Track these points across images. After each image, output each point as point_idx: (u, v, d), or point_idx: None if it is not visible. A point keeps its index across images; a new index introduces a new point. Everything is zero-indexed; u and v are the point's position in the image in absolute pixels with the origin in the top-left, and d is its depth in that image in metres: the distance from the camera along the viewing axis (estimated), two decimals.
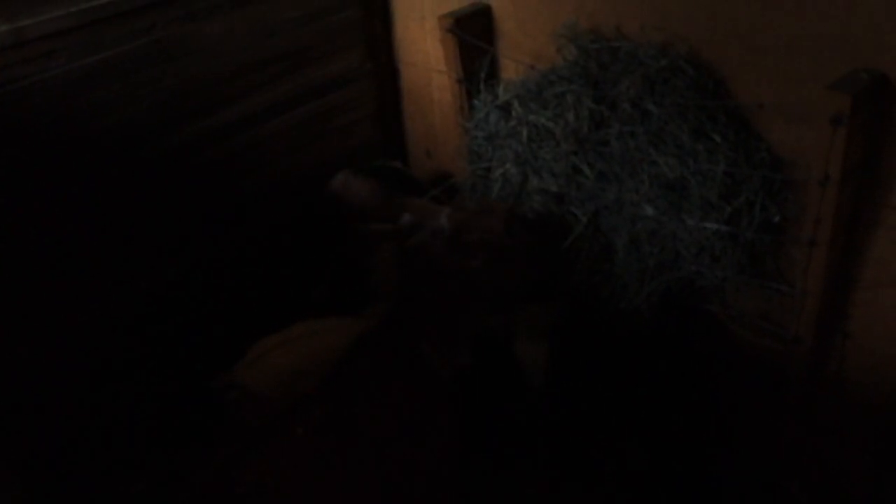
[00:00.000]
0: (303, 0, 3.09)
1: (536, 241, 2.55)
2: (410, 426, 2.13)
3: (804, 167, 2.13)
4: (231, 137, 3.06)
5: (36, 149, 2.57)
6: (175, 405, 2.86)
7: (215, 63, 2.91)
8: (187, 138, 2.93)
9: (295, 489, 1.92)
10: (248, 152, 3.14)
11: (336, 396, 2.12)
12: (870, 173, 2.05)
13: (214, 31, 2.88)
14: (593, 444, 2.74)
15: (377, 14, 3.36)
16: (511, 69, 2.83)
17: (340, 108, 3.40)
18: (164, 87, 2.81)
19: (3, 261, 2.59)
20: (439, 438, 2.20)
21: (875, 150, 2.02)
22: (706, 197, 2.21)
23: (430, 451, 2.15)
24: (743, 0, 2.14)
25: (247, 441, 2.03)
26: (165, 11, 2.73)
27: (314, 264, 3.25)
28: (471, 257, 2.48)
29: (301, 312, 2.72)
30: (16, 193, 2.56)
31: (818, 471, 2.58)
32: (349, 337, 2.64)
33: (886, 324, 2.22)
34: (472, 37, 2.79)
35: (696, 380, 2.70)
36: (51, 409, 2.84)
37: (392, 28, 3.37)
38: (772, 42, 2.13)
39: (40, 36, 2.47)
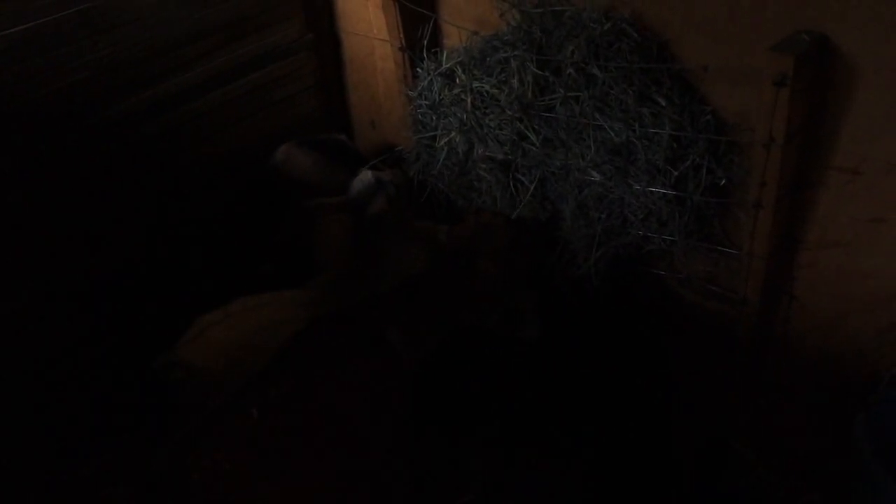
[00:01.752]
0: None
1: (533, 240, 2.55)
2: (367, 403, 2.10)
3: (748, 130, 2.14)
4: (168, 111, 2.97)
5: None
6: (118, 388, 2.80)
7: (148, 35, 2.81)
8: (122, 112, 2.84)
9: (251, 471, 1.87)
10: (187, 126, 3.05)
11: (290, 374, 2.07)
12: (812, 135, 2.06)
13: (145, 2, 2.78)
14: (544, 408, 2.75)
15: None
16: (454, 36, 2.78)
17: (281, 80, 3.32)
18: (93, 60, 2.70)
19: None
20: (395, 415, 2.17)
21: (817, 112, 2.02)
22: (652, 161, 2.20)
23: (386, 428, 2.13)
24: None
25: (199, 424, 1.97)
26: None
27: (259, 239, 3.19)
28: (479, 273, 2.45)
29: (246, 288, 2.67)
30: None
31: (763, 428, 2.62)
32: (289, 310, 2.60)
33: (829, 284, 2.25)
34: (414, 4, 2.73)
35: (646, 343, 2.72)
36: None
37: None
38: (714, 5, 2.11)
39: None
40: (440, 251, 2.56)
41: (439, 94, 2.65)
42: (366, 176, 2.93)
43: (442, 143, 2.69)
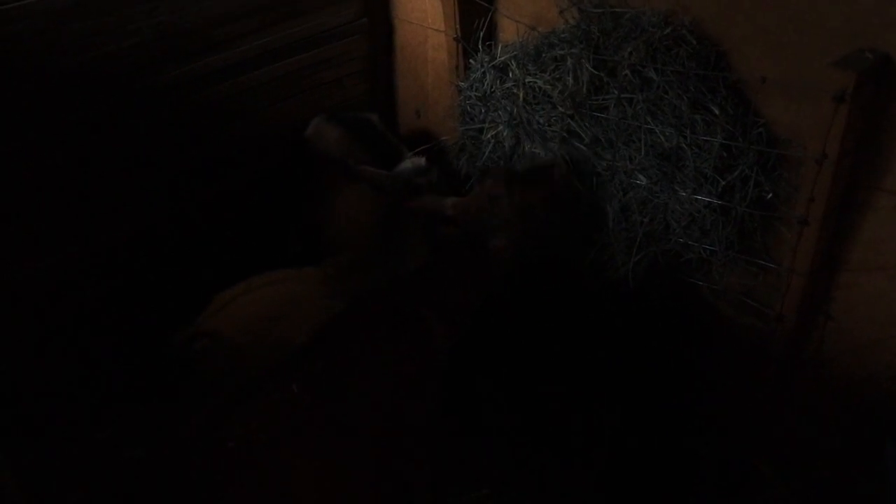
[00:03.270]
0: None
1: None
2: (402, 386, 2.10)
3: (800, 145, 2.13)
4: (219, 83, 2.99)
5: (13, 78, 2.50)
6: (141, 357, 2.82)
7: (206, 5, 2.83)
8: (172, 80, 2.87)
9: (287, 444, 1.88)
10: (236, 99, 3.08)
11: (332, 352, 2.07)
12: (865, 156, 2.04)
13: None
14: (572, 409, 2.75)
15: None
16: (510, 30, 2.79)
17: (332, 62, 3.34)
18: (149, 26, 2.73)
19: None
20: (426, 399, 2.17)
21: (872, 133, 2.01)
22: (701, 169, 2.19)
23: (419, 412, 2.13)
24: None
25: (237, 393, 1.98)
26: None
27: (290, 217, 3.22)
28: (492, 254, 2.43)
29: (274, 265, 2.70)
30: None
31: (790, 450, 2.60)
32: (310, 286, 2.62)
33: (868, 307, 2.23)
34: None
35: (677, 352, 2.71)
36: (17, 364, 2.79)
37: None
38: (776, 18, 2.11)
39: None
40: (451, 231, 2.52)
41: (490, 87, 2.65)
42: (418, 160, 2.93)
43: (489, 135, 2.70)
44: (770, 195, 2.22)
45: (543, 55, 2.51)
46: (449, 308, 2.29)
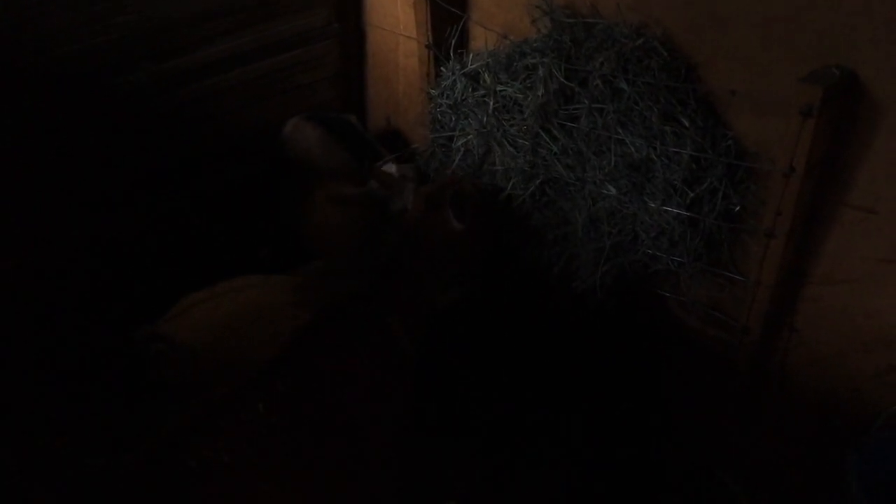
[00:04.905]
0: None
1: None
2: (370, 399, 2.07)
3: (768, 159, 2.15)
4: (188, 84, 2.95)
5: None
6: (97, 357, 2.77)
7: (177, 4, 2.80)
8: (141, 80, 2.82)
9: (251, 467, 1.84)
10: (205, 101, 3.04)
11: (297, 367, 2.03)
12: (831, 170, 2.07)
13: None
14: (538, 420, 2.75)
15: None
16: (482, 38, 2.79)
17: (302, 66, 3.31)
18: (117, 24, 2.68)
19: None
20: (396, 412, 2.15)
21: (837, 147, 2.03)
22: (670, 180, 2.21)
23: (388, 426, 2.10)
24: None
25: (202, 412, 1.94)
26: None
27: (260, 220, 3.19)
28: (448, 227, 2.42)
29: (241, 269, 2.66)
30: None
31: (754, 461, 2.62)
32: (277, 294, 2.58)
33: (832, 321, 2.26)
34: (445, 2, 2.74)
35: (643, 364, 2.72)
36: None
37: None
38: (746, 33, 2.13)
39: None
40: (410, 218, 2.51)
41: (461, 95, 2.65)
42: (389, 169, 2.92)
43: (459, 143, 2.69)
44: (738, 208, 2.24)
45: (515, 64, 2.51)
46: (410, 311, 2.27)
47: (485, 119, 2.57)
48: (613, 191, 2.31)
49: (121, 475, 1.91)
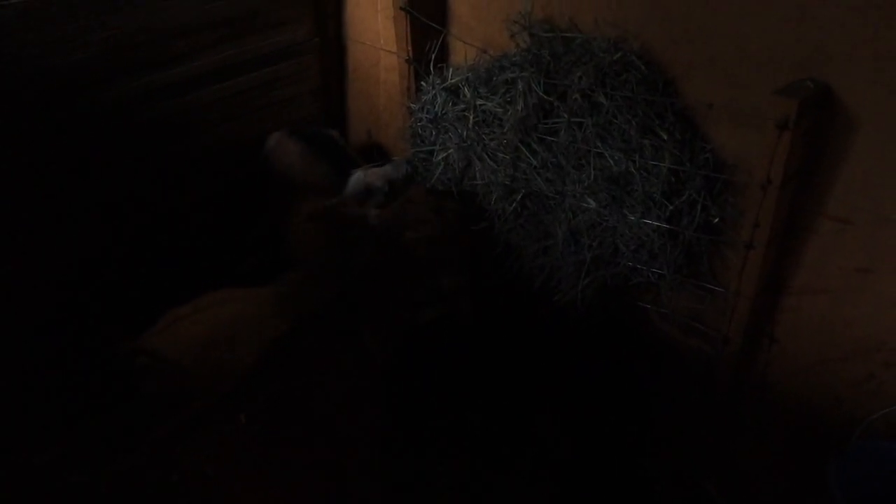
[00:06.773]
0: None
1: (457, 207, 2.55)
2: (344, 407, 2.08)
3: (746, 171, 2.17)
4: (170, 98, 2.95)
5: None
6: (83, 372, 2.75)
7: (160, 18, 2.79)
8: (122, 95, 2.81)
9: (233, 478, 1.83)
10: (187, 115, 3.03)
11: (275, 379, 2.04)
12: (807, 182, 2.09)
13: None
14: (519, 432, 2.74)
15: None
16: (461, 53, 2.80)
17: (283, 81, 3.32)
18: (99, 40, 2.67)
19: None
20: (372, 420, 2.15)
21: (813, 159, 2.06)
22: (649, 193, 2.22)
23: (362, 432, 2.11)
24: (697, 4, 2.16)
25: (184, 425, 1.93)
26: None
27: (243, 233, 3.18)
28: (407, 245, 2.44)
29: (225, 282, 2.65)
30: None
31: (736, 471, 2.63)
32: (259, 307, 2.58)
33: (811, 330, 2.28)
34: (425, 17, 2.75)
35: (625, 375, 2.73)
36: None
37: (344, 3, 3.30)
38: (723, 47, 2.15)
39: None
40: (374, 238, 2.55)
41: (441, 109, 2.66)
42: (357, 178, 2.92)
43: (439, 157, 2.70)
44: (717, 220, 2.26)
45: (494, 78, 2.53)
46: (382, 322, 2.28)
47: (465, 133, 2.58)
48: (593, 204, 2.33)
49: (104, 492, 1.90)
